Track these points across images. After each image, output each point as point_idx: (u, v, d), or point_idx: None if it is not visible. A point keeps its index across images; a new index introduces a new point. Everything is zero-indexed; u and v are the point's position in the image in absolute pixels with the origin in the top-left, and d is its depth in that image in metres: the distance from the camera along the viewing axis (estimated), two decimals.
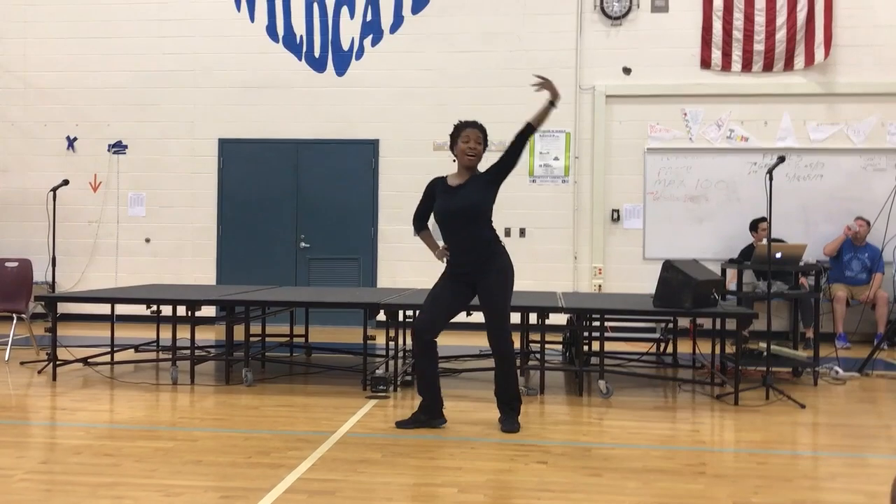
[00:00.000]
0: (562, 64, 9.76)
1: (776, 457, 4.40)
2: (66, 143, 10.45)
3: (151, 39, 10.29)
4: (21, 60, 10.50)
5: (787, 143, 9.49)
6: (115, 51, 10.33)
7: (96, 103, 10.40)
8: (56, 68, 10.44)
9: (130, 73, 10.33)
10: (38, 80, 10.48)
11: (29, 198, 10.32)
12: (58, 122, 10.46)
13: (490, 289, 4.84)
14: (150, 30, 10.28)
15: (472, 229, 4.86)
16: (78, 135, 10.44)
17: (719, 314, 6.08)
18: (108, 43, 10.35)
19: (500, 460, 4.21)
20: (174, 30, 10.25)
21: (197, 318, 6.27)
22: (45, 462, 4.11)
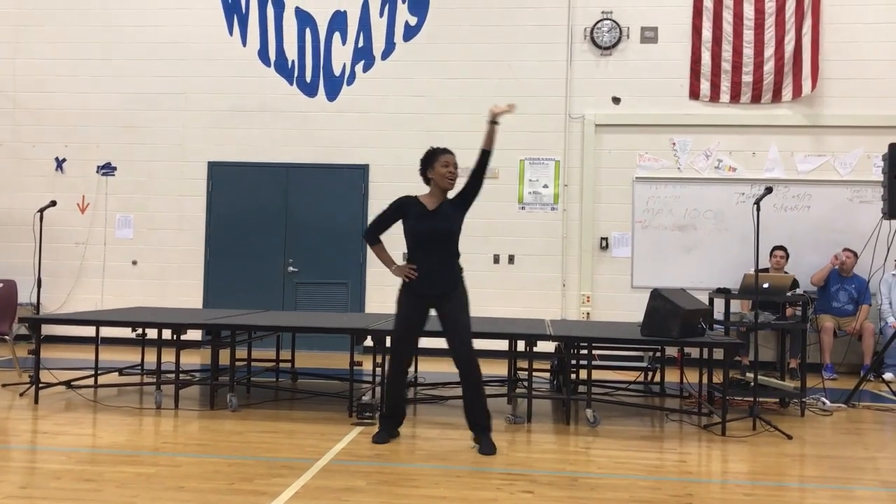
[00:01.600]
0: (552, 92, 9.83)
1: (763, 488, 4.38)
2: (55, 163, 10.42)
3: (143, 62, 10.31)
4: (11, 81, 10.49)
5: (774, 174, 9.57)
6: (105, 73, 10.35)
7: (86, 125, 10.39)
8: (46, 89, 10.44)
9: (121, 94, 10.34)
10: (27, 100, 10.47)
11: (16, 218, 10.26)
12: (47, 143, 10.43)
13: (456, 310, 5.10)
14: (142, 52, 10.31)
15: (446, 252, 5.11)
16: (67, 156, 10.42)
17: (707, 343, 6.07)
18: (100, 65, 10.36)
19: (485, 489, 4.17)
20: (166, 53, 10.28)
21: (182, 341, 6.23)
22: (24, 487, 4.04)
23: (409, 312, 5.14)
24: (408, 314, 5.14)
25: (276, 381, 7.44)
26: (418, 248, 5.12)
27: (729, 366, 5.87)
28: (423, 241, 5.08)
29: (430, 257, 5.08)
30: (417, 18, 10.09)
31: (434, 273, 5.08)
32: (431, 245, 5.08)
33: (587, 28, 9.83)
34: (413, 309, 5.13)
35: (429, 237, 5.07)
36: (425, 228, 5.07)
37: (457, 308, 5.09)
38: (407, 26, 10.10)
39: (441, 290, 5.08)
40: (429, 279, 5.08)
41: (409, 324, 5.14)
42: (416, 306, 5.13)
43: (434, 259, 5.08)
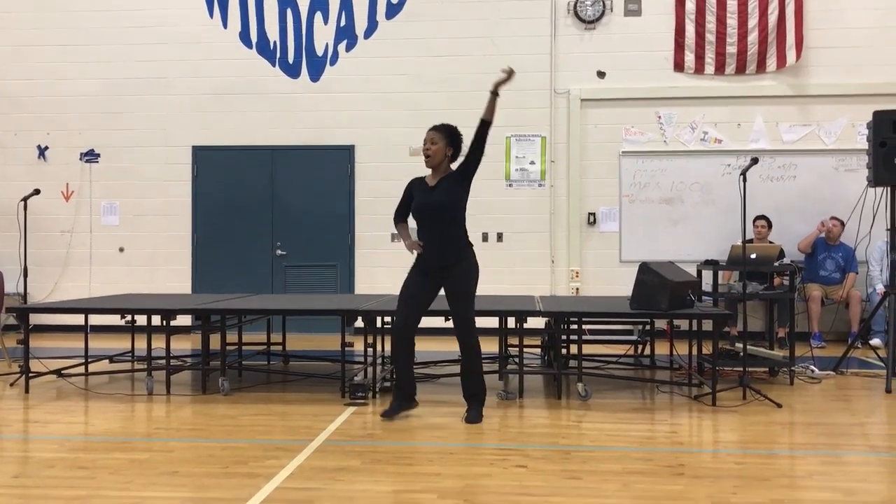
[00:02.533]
0: (536, 68, 9.79)
1: (754, 456, 4.43)
2: (37, 152, 10.33)
3: (123, 47, 10.20)
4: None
5: (759, 145, 9.59)
6: (86, 58, 10.23)
7: (67, 112, 10.29)
8: (26, 77, 10.31)
9: (102, 80, 10.23)
10: (7, 88, 10.35)
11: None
12: (28, 131, 10.33)
13: (459, 284, 5.21)
14: (122, 37, 10.19)
15: (444, 227, 5.21)
16: (49, 144, 10.32)
17: (696, 315, 6.11)
18: (80, 51, 10.24)
19: (479, 465, 4.19)
20: (146, 37, 10.17)
21: (172, 327, 6.20)
22: (17, 476, 4.03)
23: (410, 289, 5.27)
24: (408, 291, 5.27)
25: (267, 364, 7.45)
26: (420, 225, 5.30)
27: (718, 337, 5.92)
28: (421, 218, 5.26)
29: (429, 232, 5.24)
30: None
31: (435, 246, 5.21)
32: (427, 221, 5.24)
33: (570, 2, 9.78)
34: (417, 283, 5.26)
35: (423, 213, 5.24)
36: (422, 204, 5.24)
37: (459, 282, 5.20)
38: (389, 4, 10.01)
39: (444, 262, 5.20)
40: (431, 252, 5.22)
41: (412, 290, 5.25)
42: (421, 282, 5.26)
43: (432, 234, 5.23)
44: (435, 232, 5.21)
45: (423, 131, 10.28)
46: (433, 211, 5.20)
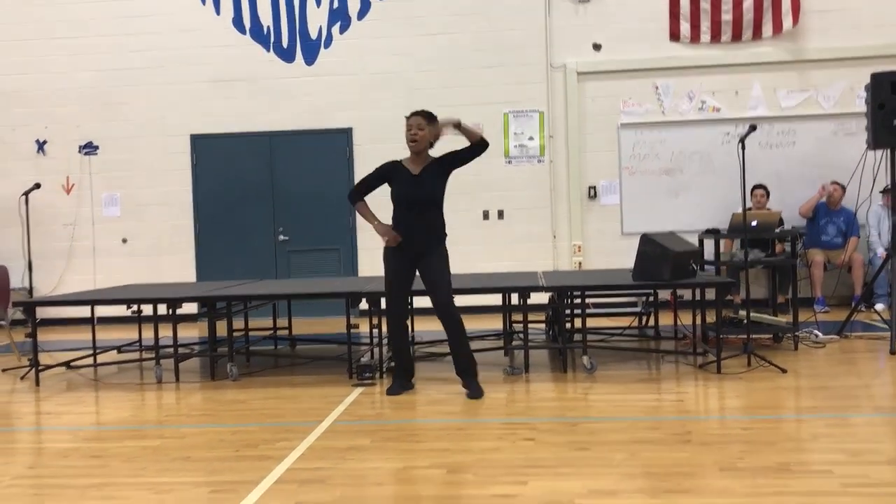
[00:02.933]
0: (531, 43, 9.76)
1: (760, 422, 4.47)
2: (36, 146, 10.33)
3: (117, 37, 10.17)
4: None
5: (758, 112, 9.56)
6: (80, 50, 10.20)
7: (64, 105, 10.28)
8: (21, 71, 10.30)
9: (97, 72, 10.21)
10: (3, 83, 10.33)
11: (1, 203, 10.19)
12: (26, 126, 10.32)
13: (436, 265, 5.30)
14: (115, 28, 10.16)
15: (430, 215, 5.29)
16: (47, 137, 10.32)
17: (698, 284, 6.13)
18: (73, 43, 10.21)
19: (487, 439, 4.24)
20: (139, 26, 10.13)
21: (178, 315, 6.24)
22: (32, 467, 4.09)
23: (396, 266, 5.33)
24: (395, 267, 5.34)
25: (274, 348, 7.49)
26: (402, 212, 5.31)
27: (721, 305, 5.94)
28: (407, 206, 5.28)
29: (417, 220, 5.28)
30: None
31: (421, 234, 5.28)
32: (418, 208, 5.28)
33: None
34: (399, 262, 5.32)
35: (415, 202, 5.27)
36: (409, 194, 5.26)
37: (437, 265, 5.30)
38: None
39: (423, 250, 5.28)
40: (412, 240, 5.27)
41: (398, 276, 5.34)
42: (403, 267, 5.35)
43: (417, 221, 5.28)
44: (421, 221, 5.28)
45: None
46: (424, 202, 5.26)
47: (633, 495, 3.32)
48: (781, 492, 3.30)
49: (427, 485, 3.56)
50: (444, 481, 3.59)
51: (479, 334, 7.63)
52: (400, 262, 5.34)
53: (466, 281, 6.61)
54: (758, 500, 3.22)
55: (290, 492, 3.52)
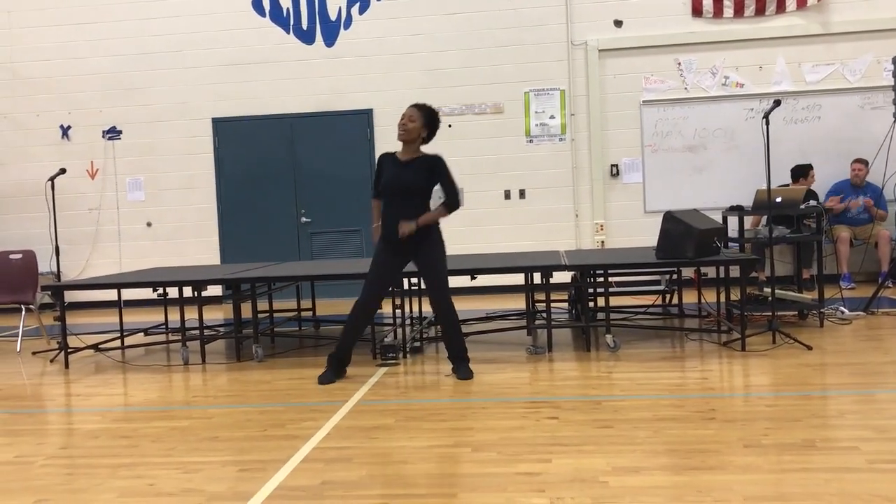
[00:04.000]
0: (552, 20, 9.69)
1: (785, 398, 4.45)
2: (60, 131, 10.44)
3: (138, 22, 10.22)
4: (7, 52, 10.44)
5: (782, 87, 9.45)
6: (101, 36, 10.27)
7: (87, 90, 10.36)
8: (44, 57, 10.39)
9: (119, 57, 10.28)
10: (26, 70, 10.43)
11: (27, 189, 10.33)
12: (50, 112, 10.43)
13: (431, 257, 5.27)
14: (136, 12, 10.21)
15: (416, 202, 5.23)
16: (71, 123, 10.42)
17: (722, 262, 6.09)
18: (95, 28, 10.28)
19: (510, 418, 4.25)
20: (159, 10, 10.17)
21: (204, 297, 6.30)
22: (64, 447, 4.16)
23: (384, 258, 5.29)
24: (382, 259, 5.30)
25: (298, 329, 7.55)
26: (389, 199, 5.27)
27: (745, 282, 5.90)
28: (392, 193, 5.23)
29: (400, 208, 5.21)
30: None
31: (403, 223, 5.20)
32: (399, 196, 5.22)
33: None
34: (387, 255, 5.29)
35: (396, 188, 5.21)
36: (392, 182, 5.22)
37: (431, 256, 5.28)
38: None
39: (415, 239, 5.19)
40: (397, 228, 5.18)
41: (381, 268, 5.30)
42: (391, 262, 5.30)
43: (402, 211, 5.19)
44: (408, 209, 5.20)
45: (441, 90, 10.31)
46: (404, 187, 5.20)
47: (657, 472, 3.33)
48: (807, 468, 3.29)
49: (452, 463, 3.59)
50: (469, 459, 3.62)
51: (501, 314, 7.65)
52: (388, 256, 5.28)
53: (488, 260, 6.62)
54: (783, 476, 3.21)
55: (317, 470, 3.56)
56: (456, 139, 9.79)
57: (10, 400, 5.37)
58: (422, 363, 5.87)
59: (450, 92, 9.82)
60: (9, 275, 7.67)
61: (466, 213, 9.76)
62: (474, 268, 6.07)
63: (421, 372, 5.60)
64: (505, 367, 5.55)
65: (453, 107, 9.83)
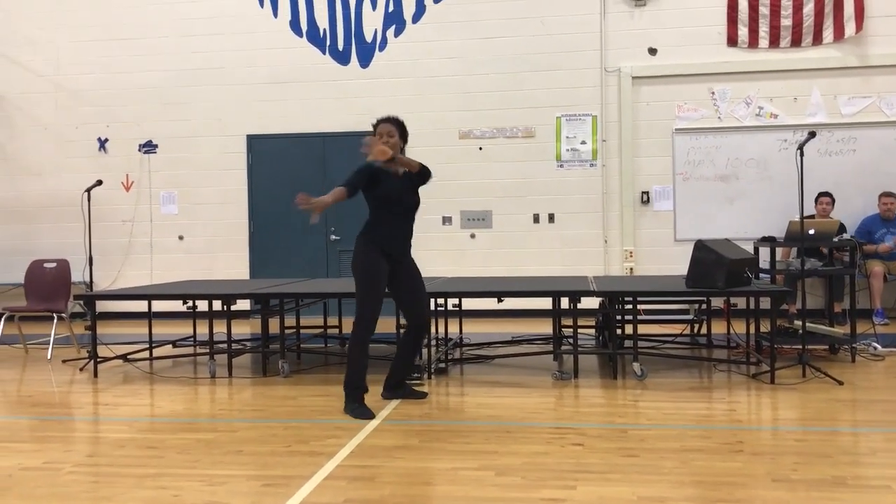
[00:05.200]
0: (586, 47, 9.72)
1: (815, 433, 4.38)
2: (98, 144, 10.62)
3: (178, 39, 10.41)
4: (52, 64, 10.68)
5: (817, 119, 9.38)
6: (142, 52, 10.47)
7: (126, 104, 10.55)
8: (86, 71, 10.61)
9: (158, 72, 10.46)
10: (69, 83, 10.65)
11: (64, 199, 10.51)
12: (89, 124, 10.63)
13: (414, 270, 5.31)
14: (177, 29, 10.40)
15: (412, 221, 5.31)
16: (109, 136, 10.61)
17: (753, 292, 6.03)
18: (136, 44, 10.49)
19: (535, 443, 4.23)
20: (200, 28, 10.36)
21: (232, 312, 6.36)
22: (91, 455, 4.20)
23: (381, 268, 5.07)
24: (380, 269, 5.07)
25: (324, 346, 7.58)
26: (393, 214, 5.18)
27: (776, 314, 5.83)
28: (400, 209, 5.20)
29: (404, 224, 5.24)
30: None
31: (399, 236, 5.22)
32: (406, 213, 5.24)
33: None
34: (382, 265, 5.09)
35: (405, 207, 5.22)
36: (403, 195, 5.19)
37: (416, 273, 5.30)
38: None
39: (399, 252, 5.22)
40: (394, 241, 5.19)
41: (381, 293, 5.07)
42: (384, 271, 5.10)
43: (402, 225, 5.24)
44: (408, 225, 5.26)
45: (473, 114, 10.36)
46: (414, 207, 5.26)
47: (683, 503, 3.29)
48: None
49: (475, 486, 3.57)
50: (492, 483, 3.60)
51: (527, 338, 7.62)
52: (382, 266, 5.09)
53: (516, 283, 6.61)
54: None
55: (340, 488, 3.56)
56: (486, 162, 9.83)
57: (39, 406, 5.44)
58: (446, 384, 5.86)
59: (481, 115, 9.87)
60: (43, 283, 7.79)
61: (494, 236, 9.79)
62: (501, 290, 6.06)
63: (445, 393, 5.59)
64: (530, 392, 5.53)
65: (484, 130, 9.87)
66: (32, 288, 7.82)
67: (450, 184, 9.65)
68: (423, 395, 5.41)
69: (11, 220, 10.73)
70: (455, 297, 6.19)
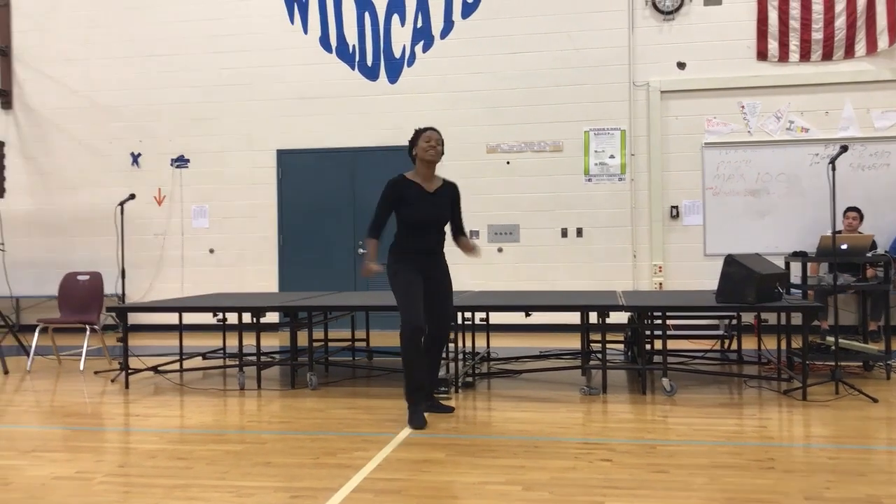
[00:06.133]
0: (614, 61, 9.71)
1: (848, 451, 4.31)
2: (131, 158, 10.79)
3: (209, 55, 10.56)
4: (86, 80, 10.88)
5: (849, 133, 9.28)
6: (174, 68, 10.64)
7: (159, 119, 10.72)
8: (119, 87, 10.80)
9: (190, 88, 10.62)
10: (102, 99, 10.84)
11: (97, 213, 10.68)
12: (122, 139, 10.80)
13: (444, 280, 5.33)
14: (208, 45, 10.56)
15: (442, 234, 5.33)
16: (142, 151, 10.77)
17: (784, 308, 5.96)
18: (168, 60, 10.66)
19: (563, 458, 4.21)
20: (231, 44, 10.51)
21: (262, 324, 6.41)
22: (122, 466, 4.25)
23: (416, 284, 5.14)
24: (414, 285, 5.13)
25: (352, 359, 7.60)
26: (417, 231, 5.23)
27: (808, 330, 5.76)
28: (428, 223, 5.24)
29: (432, 237, 5.28)
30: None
31: (429, 250, 5.26)
32: (435, 227, 5.27)
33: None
34: (417, 284, 5.15)
35: (432, 223, 5.25)
36: (429, 214, 5.22)
37: (445, 279, 5.33)
38: (465, 3, 10.08)
39: (430, 263, 5.26)
40: (423, 254, 5.24)
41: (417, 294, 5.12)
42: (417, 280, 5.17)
43: (432, 239, 5.27)
44: (438, 238, 5.30)
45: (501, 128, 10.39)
46: (441, 221, 5.28)
47: None
48: None
49: (502, 501, 3.56)
50: (519, 498, 3.58)
51: (555, 352, 7.59)
52: (416, 277, 5.16)
53: (544, 298, 6.59)
54: None
55: (367, 501, 3.57)
56: (514, 176, 9.84)
57: (72, 417, 5.51)
58: (473, 398, 5.86)
59: (509, 129, 9.89)
60: (76, 295, 7.91)
61: (522, 250, 9.78)
62: (529, 304, 6.05)
63: (472, 407, 5.58)
64: (558, 407, 5.50)
65: (512, 144, 9.89)
66: (66, 300, 7.94)
67: (477, 198, 9.67)
68: (449, 409, 5.40)
69: (47, 233, 10.91)
70: (482, 311, 6.19)
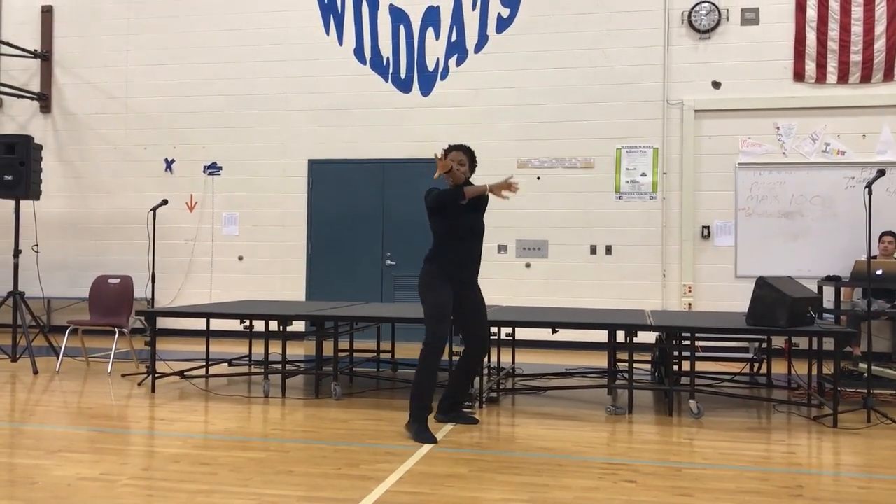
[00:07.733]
0: (648, 79, 9.67)
1: (880, 482, 4.21)
2: (165, 164, 10.91)
3: (245, 64, 10.67)
4: (123, 87, 11.04)
5: (887, 157, 9.14)
6: (210, 75, 10.76)
7: (193, 126, 10.84)
8: (155, 94, 10.94)
9: (225, 96, 10.73)
10: (138, 105, 10.99)
11: (130, 217, 10.81)
12: (156, 145, 10.93)
13: (479, 297, 5.38)
14: (244, 54, 10.67)
15: (479, 246, 5.38)
16: (175, 157, 10.89)
17: (816, 332, 5.86)
18: (205, 68, 10.78)
19: (587, 478, 4.16)
20: (266, 54, 10.61)
21: (288, 333, 6.43)
22: (146, 469, 4.27)
23: (449, 302, 5.17)
24: (449, 304, 5.16)
25: (377, 370, 7.60)
26: (463, 239, 5.29)
27: (840, 356, 5.66)
28: (470, 233, 5.30)
29: (472, 248, 5.32)
30: (510, 10, 10.08)
31: (468, 262, 5.30)
32: (475, 237, 5.33)
33: (685, 12, 9.61)
34: (449, 298, 5.18)
35: (475, 231, 5.32)
36: (473, 223, 5.31)
37: (480, 300, 5.37)
38: (499, 18, 10.10)
39: (467, 277, 5.31)
40: (463, 266, 5.28)
41: (446, 316, 5.15)
42: (450, 295, 5.20)
43: (471, 250, 5.31)
44: (475, 250, 5.33)
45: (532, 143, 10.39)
46: (479, 232, 5.34)
47: None
48: None
49: None
50: None
51: (581, 370, 7.53)
52: (449, 291, 5.19)
53: (571, 315, 6.55)
54: None
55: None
56: (544, 192, 9.82)
57: (98, 419, 5.56)
58: (497, 414, 5.82)
59: (541, 144, 9.88)
60: (106, 298, 8.00)
61: (550, 266, 9.73)
62: (556, 321, 6.01)
63: (496, 423, 5.54)
64: (583, 426, 5.45)
65: (543, 159, 9.87)
66: (96, 303, 8.03)
67: (506, 212, 9.65)
68: (475, 420, 5.42)
69: (81, 236, 11.06)
70: (509, 326, 6.16)
